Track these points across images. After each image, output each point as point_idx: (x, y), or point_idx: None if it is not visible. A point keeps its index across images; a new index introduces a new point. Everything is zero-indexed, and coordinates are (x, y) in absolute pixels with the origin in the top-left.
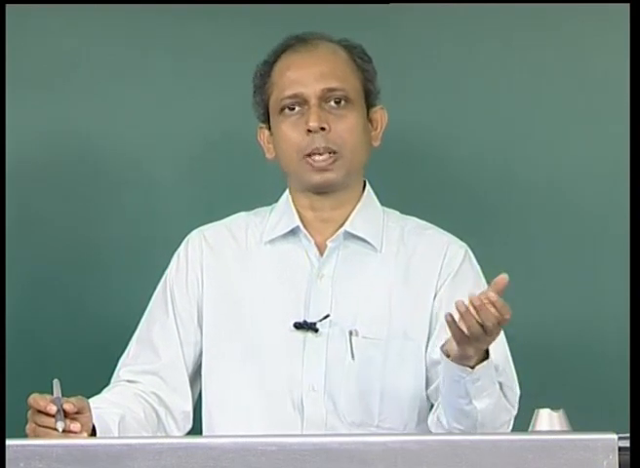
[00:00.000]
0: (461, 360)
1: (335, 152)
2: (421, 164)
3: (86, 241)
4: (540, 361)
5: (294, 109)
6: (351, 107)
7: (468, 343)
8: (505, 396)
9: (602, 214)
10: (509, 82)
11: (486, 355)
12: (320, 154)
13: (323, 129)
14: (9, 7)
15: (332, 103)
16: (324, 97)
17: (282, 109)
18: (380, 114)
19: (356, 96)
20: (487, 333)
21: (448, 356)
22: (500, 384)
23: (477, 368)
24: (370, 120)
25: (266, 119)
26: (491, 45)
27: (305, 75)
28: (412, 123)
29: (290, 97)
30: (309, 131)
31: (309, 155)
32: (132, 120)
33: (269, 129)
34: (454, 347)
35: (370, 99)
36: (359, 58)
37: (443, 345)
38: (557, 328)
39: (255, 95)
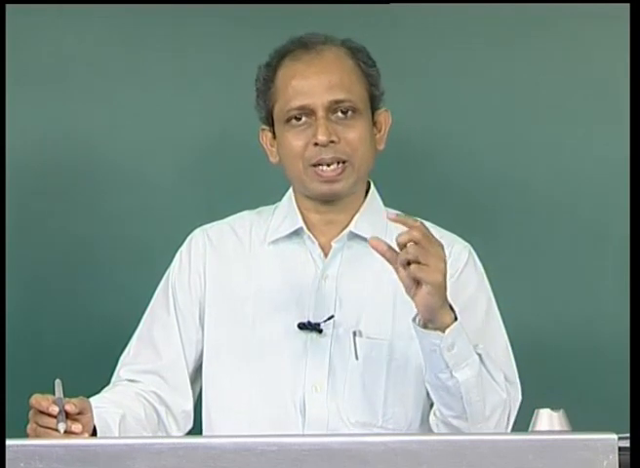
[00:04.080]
0: (429, 313)
1: (344, 161)
2: (421, 164)
3: (86, 241)
4: (541, 361)
5: (300, 119)
6: (358, 116)
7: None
8: (490, 373)
9: (602, 214)
10: (510, 82)
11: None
12: (328, 165)
13: (332, 142)
14: (9, 7)
15: (339, 114)
16: (331, 109)
17: (288, 120)
18: (384, 116)
19: (362, 104)
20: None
21: (424, 327)
22: (480, 356)
23: (448, 331)
24: (374, 123)
25: (269, 123)
26: (491, 45)
27: (312, 86)
28: (412, 123)
29: (297, 109)
30: (316, 144)
31: (316, 165)
32: (132, 120)
33: (272, 132)
34: (416, 296)
35: (374, 103)
36: (364, 62)
37: (414, 317)
38: (557, 328)
39: (257, 98)
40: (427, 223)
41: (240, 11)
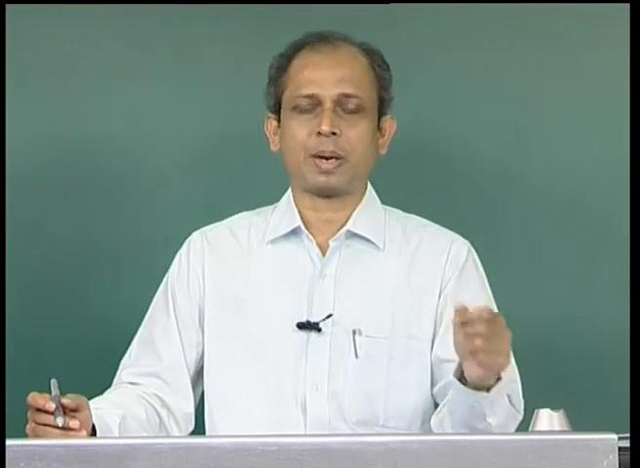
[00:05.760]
0: (482, 380)
1: (342, 157)
2: (422, 163)
3: (87, 241)
4: (541, 361)
5: (307, 109)
6: (364, 115)
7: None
8: (512, 405)
9: (603, 214)
10: (510, 81)
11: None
12: (327, 159)
13: (334, 133)
14: (9, 7)
15: (346, 109)
16: (339, 102)
17: (295, 107)
18: (390, 123)
19: (370, 104)
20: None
21: (465, 382)
22: (509, 396)
23: (493, 390)
24: (379, 128)
25: (276, 110)
26: (491, 45)
27: (324, 77)
28: (412, 122)
29: (305, 97)
30: (320, 133)
31: (315, 156)
32: (132, 120)
33: (278, 120)
34: (470, 367)
35: (382, 108)
36: (378, 65)
37: (456, 371)
38: (557, 327)
39: (268, 85)
40: (426, 221)
41: (240, 11)
